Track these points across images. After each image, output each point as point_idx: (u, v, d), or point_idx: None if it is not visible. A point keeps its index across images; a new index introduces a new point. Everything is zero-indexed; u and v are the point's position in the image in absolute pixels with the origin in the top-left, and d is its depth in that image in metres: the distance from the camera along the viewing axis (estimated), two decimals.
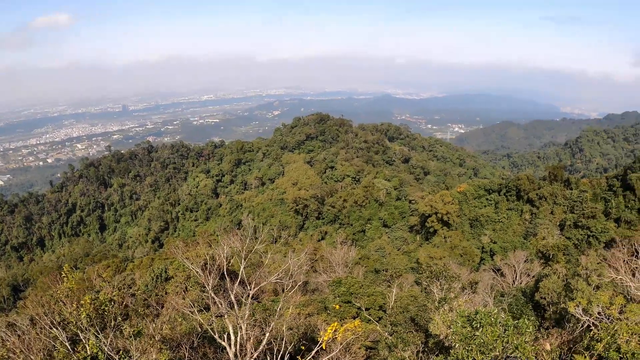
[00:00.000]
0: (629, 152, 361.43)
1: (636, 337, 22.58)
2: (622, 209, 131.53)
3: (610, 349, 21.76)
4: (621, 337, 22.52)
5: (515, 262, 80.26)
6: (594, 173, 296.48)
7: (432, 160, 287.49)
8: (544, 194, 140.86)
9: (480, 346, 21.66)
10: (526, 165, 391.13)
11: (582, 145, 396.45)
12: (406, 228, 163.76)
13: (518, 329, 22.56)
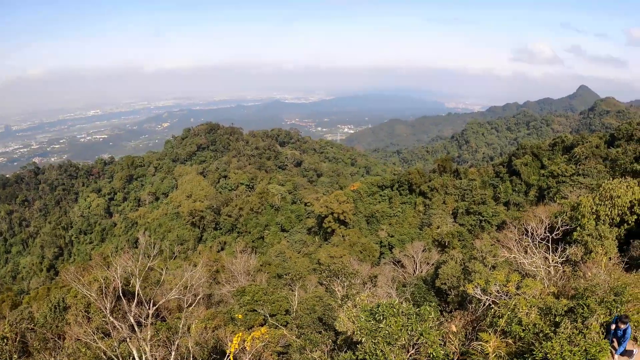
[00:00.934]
0: (512, 140, 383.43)
1: (535, 309, 23.50)
2: (510, 192, 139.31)
3: (513, 323, 22.48)
4: (521, 310, 23.36)
5: (413, 252, 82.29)
6: (481, 162, 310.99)
7: (324, 162, 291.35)
8: (435, 185, 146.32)
9: (386, 337, 21.79)
10: (416, 159, 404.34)
11: (468, 137, 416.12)
12: (304, 231, 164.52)
13: (421, 316, 22.91)
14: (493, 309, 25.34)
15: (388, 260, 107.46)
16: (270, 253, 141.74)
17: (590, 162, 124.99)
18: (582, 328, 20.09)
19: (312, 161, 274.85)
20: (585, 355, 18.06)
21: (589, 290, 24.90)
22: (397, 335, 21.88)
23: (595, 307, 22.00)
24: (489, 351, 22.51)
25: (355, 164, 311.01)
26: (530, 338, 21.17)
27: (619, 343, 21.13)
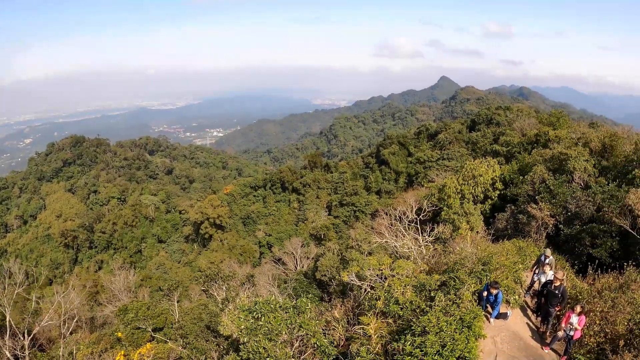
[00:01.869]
0: (380, 132, 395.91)
1: (409, 288, 24.34)
2: (380, 181, 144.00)
3: (390, 304, 23.16)
4: (396, 290, 24.12)
5: (292, 249, 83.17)
6: (351, 155, 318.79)
7: (195, 167, 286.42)
8: (307, 181, 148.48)
9: (266, 334, 21.75)
10: (287, 157, 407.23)
11: (336, 131, 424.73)
12: (182, 239, 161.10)
13: (298, 308, 23.10)
14: (370, 293, 26.05)
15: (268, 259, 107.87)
16: (149, 266, 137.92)
17: (454, 147, 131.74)
18: (455, 299, 21.06)
19: (183, 168, 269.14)
20: (461, 323, 18.86)
21: (459, 263, 26.27)
22: (277, 330, 21.88)
23: (466, 278, 23.23)
24: (371, 333, 23.05)
25: (226, 167, 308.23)
26: (408, 315, 21.90)
27: (492, 308, 22.37)
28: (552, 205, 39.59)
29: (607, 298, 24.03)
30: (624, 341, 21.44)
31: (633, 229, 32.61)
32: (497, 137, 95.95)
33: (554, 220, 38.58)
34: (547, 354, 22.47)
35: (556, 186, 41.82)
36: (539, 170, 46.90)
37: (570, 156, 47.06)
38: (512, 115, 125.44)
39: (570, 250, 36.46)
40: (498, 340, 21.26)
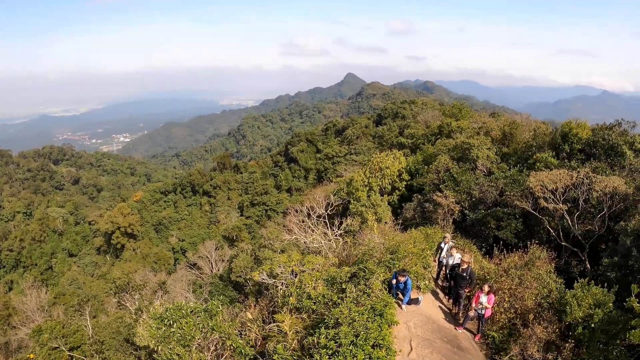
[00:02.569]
0: (288, 130, 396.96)
1: (321, 282, 24.43)
2: (290, 179, 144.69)
3: (303, 299, 23.18)
4: (308, 285, 24.17)
5: (207, 252, 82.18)
6: (260, 154, 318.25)
7: (102, 175, 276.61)
8: (217, 183, 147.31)
9: (180, 340, 21.27)
10: (196, 160, 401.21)
11: (245, 131, 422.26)
12: (94, 251, 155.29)
13: (209, 311, 22.77)
14: (282, 290, 25.99)
15: (184, 265, 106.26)
16: (62, 283, 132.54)
17: (361, 141, 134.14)
18: (366, 289, 21.25)
19: (91, 176, 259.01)
20: (372, 312, 19.05)
21: (367, 254, 26.64)
22: (189, 335, 21.43)
23: (374, 267, 23.55)
24: (286, 329, 22.98)
25: (135, 173, 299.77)
26: (321, 309, 21.96)
27: (403, 295, 22.74)
28: (456, 193, 40.87)
29: (513, 276, 25.20)
30: (533, 315, 22.55)
31: (535, 210, 34.14)
32: (403, 130, 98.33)
33: (459, 207, 39.89)
34: (461, 333, 23.12)
35: (460, 174, 43.33)
36: (443, 159, 48.44)
37: (472, 145, 48.75)
38: (417, 109, 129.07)
39: (477, 233, 37.93)
40: (411, 325, 21.48)
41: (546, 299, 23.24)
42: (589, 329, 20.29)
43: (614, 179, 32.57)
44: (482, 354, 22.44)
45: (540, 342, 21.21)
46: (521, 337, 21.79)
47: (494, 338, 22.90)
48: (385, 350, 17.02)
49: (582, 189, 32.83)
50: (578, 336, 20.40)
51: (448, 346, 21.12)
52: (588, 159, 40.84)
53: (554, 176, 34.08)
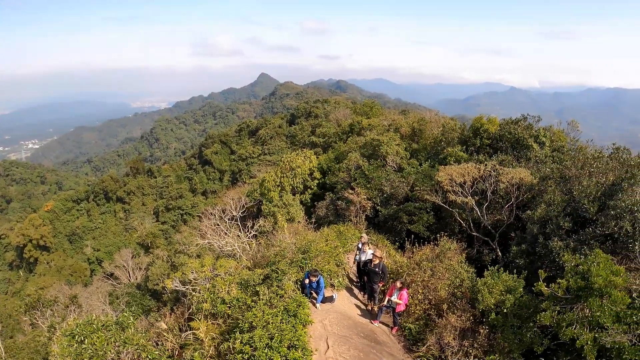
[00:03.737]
0: (201, 132, 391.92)
1: (234, 285, 24.25)
2: (205, 182, 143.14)
3: (217, 304, 22.89)
4: (221, 290, 23.93)
5: (123, 261, 79.77)
6: (174, 157, 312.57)
7: (11, 185, 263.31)
8: (131, 189, 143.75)
9: (92, 357, 20.54)
10: (108, 166, 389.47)
11: (158, 134, 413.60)
12: (6, 267, 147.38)
13: (120, 324, 22.14)
14: (196, 296, 25.62)
15: (100, 275, 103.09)
16: None
17: (275, 141, 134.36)
18: (278, 290, 21.23)
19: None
20: (286, 313, 19.04)
21: (279, 255, 26.58)
22: (102, 351, 20.70)
23: (286, 268, 23.53)
24: (202, 336, 22.64)
25: (45, 182, 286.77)
26: (236, 313, 21.75)
27: (317, 293, 22.82)
28: (368, 189, 41.33)
29: (426, 268, 25.64)
30: (447, 304, 22.91)
31: (445, 203, 34.95)
32: (315, 129, 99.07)
33: (371, 203, 40.34)
34: (378, 327, 23.33)
35: (371, 171, 43.90)
36: (354, 157, 48.99)
37: (382, 142, 49.53)
38: (329, 108, 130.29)
39: (390, 228, 38.49)
40: (327, 324, 21.45)
41: (459, 289, 23.76)
42: (502, 314, 20.87)
43: (520, 171, 33.90)
44: (399, 346, 22.68)
45: (455, 330, 21.65)
46: (437, 327, 22.17)
47: (410, 330, 23.24)
48: (301, 351, 16.97)
49: (490, 181, 33.87)
50: (492, 322, 20.95)
51: (365, 341, 21.18)
52: (495, 153, 42.35)
53: (462, 170, 35.07)
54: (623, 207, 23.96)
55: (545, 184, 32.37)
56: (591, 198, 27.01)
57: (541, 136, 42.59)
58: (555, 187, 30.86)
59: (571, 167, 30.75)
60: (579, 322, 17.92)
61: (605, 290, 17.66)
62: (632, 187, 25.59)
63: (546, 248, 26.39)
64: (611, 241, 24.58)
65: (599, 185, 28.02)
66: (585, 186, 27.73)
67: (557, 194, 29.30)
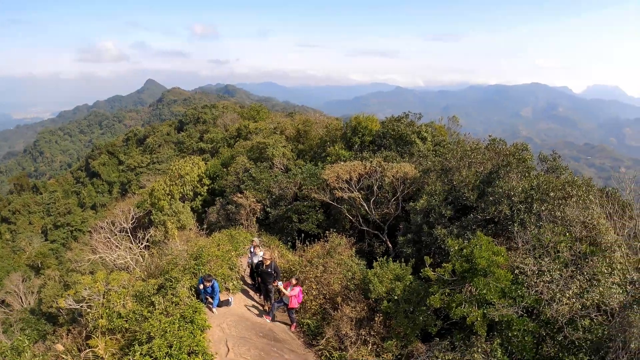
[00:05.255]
0: (88, 143, 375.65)
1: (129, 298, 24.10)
2: (94, 195, 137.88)
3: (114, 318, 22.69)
4: (116, 304, 23.72)
5: (14, 286, 75.51)
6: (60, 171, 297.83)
7: None
8: (16, 207, 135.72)
9: None
10: None
11: (42, 147, 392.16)
12: None
13: (16, 349, 21.66)
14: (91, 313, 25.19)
15: None
16: None
17: (164, 149, 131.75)
18: (173, 298, 21.40)
19: None
20: (183, 320, 19.18)
21: (172, 263, 26.65)
22: None
23: (180, 275, 23.64)
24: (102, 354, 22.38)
25: None
26: (133, 325, 21.72)
27: (212, 298, 23.07)
28: (256, 192, 41.83)
29: (317, 265, 26.42)
30: (341, 297, 23.74)
31: (333, 201, 35.98)
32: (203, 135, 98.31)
33: (260, 205, 40.75)
34: (277, 326, 23.77)
35: (258, 173, 44.44)
36: (241, 160, 49.43)
37: (268, 144, 50.30)
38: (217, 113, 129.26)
39: (282, 229, 39.11)
40: (225, 327, 21.52)
41: (351, 281, 24.57)
42: (394, 301, 21.83)
43: (403, 165, 35.45)
44: (300, 342, 23.21)
45: (351, 320, 22.36)
46: (333, 320, 22.83)
47: (309, 325, 23.84)
48: (201, 356, 17.28)
49: (376, 176, 35.16)
50: (385, 309, 21.79)
51: (265, 340, 21.49)
52: (380, 149, 43.93)
53: (348, 167, 36.10)
54: (501, 193, 25.70)
55: (427, 176, 33.95)
56: (470, 187, 28.80)
57: (423, 132, 44.74)
58: (437, 178, 32.61)
59: (451, 159, 32.46)
60: (468, 301, 19.04)
61: (488, 269, 18.92)
62: (508, 174, 27.56)
63: (431, 236, 27.74)
64: (492, 225, 26.27)
65: (478, 174, 29.96)
66: (465, 176, 29.44)
67: (439, 185, 30.94)
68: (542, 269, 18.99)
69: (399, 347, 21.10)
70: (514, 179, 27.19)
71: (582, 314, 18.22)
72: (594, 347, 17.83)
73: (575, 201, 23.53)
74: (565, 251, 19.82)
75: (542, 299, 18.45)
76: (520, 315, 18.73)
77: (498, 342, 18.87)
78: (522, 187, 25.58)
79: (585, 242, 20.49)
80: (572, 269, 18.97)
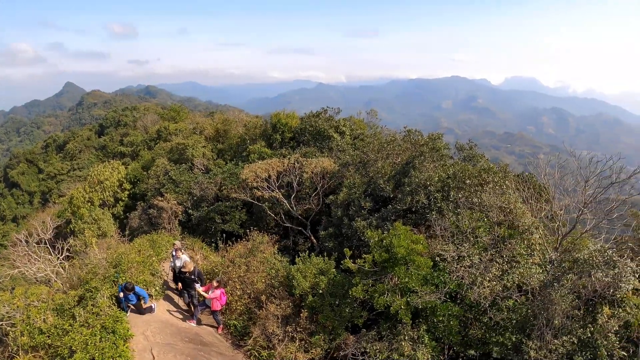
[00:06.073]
0: (5, 152, 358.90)
1: (50, 312, 23.33)
2: (14, 207, 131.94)
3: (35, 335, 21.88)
4: (37, 319, 22.94)
5: None
6: None
7: None
8: None
9: None
10: None
11: None
12: None
13: None
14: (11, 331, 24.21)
15: None
16: None
17: (84, 155, 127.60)
18: (93, 309, 20.85)
19: None
20: (104, 331, 18.66)
21: (91, 272, 25.90)
22: None
23: (99, 285, 23.02)
24: None
25: None
26: (55, 340, 21.09)
27: (135, 306, 22.60)
28: (177, 194, 41.17)
29: (240, 264, 26.17)
30: (266, 295, 23.59)
31: (254, 199, 35.78)
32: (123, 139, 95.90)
33: (182, 207, 40.21)
34: (203, 329, 23.54)
35: (178, 175, 43.75)
36: (161, 163, 48.52)
37: (187, 145, 49.66)
38: (138, 115, 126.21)
39: (205, 230, 38.67)
40: (149, 334, 21.15)
41: (275, 279, 24.41)
42: (318, 295, 21.97)
43: (322, 160, 35.77)
44: (228, 344, 23.06)
45: (278, 318, 22.27)
46: (259, 319, 22.70)
47: (235, 326, 23.70)
48: None
49: (295, 173, 35.32)
50: (310, 304, 21.90)
51: (191, 345, 21.28)
52: (299, 145, 44.17)
53: (266, 165, 36.17)
54: (417, 183, 26.35)
55: (346, 169, 34.46)
56: (386, 178, 29.34)
57: (342, 126, 45.17)
58: (356, 171, 33.08)
59: (369, 152, 33.03)
60: (391, 290, 19.44)
61: (408, 258, 19.39)
62: (423, 163, 28.21)
63: (351, 228, 28.15)
64: (412, 214, 26.93)
65: (395, 165, 30.57)
66: (380, 168, 30.04)
67: (357, 178, 31.39)
68: (462, 254, 19.50)
69: (327, 341, 21.27)
70: (430, 168, 27.76)
71: (505, 295, 18.81)
72: (519, 326, 18.53)
73: (491, 187, 24.21)
74: (484, 236, 20.51)
75: (463, 284, 18.96)
76: (444, 301, 19.29)
77: (424, 329, 19.39)
78: (438, 176, 26.26)
79: (503, 226, 21.21)
80: (491, 252, 19.64)
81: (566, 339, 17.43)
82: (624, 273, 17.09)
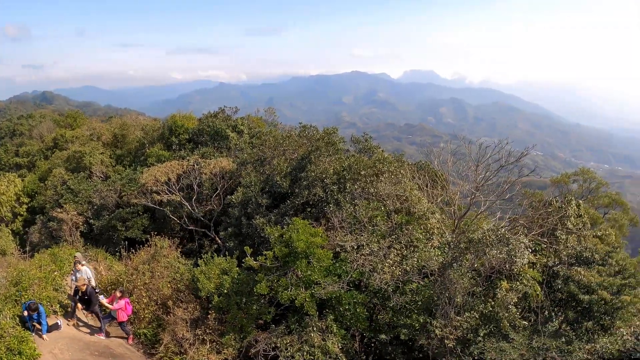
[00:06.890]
0: None
1: None
2: None
3: None
4: None
5: None
6: None
7: None
8: None
9: None
10: None
11: None
12: None
13: None
14: None
15: None
16: None
17: None
18: None
19: None
20: (10, 353, 18.17)
21: None
22: None
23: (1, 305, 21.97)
24: None
25: None
26: None
27: (40, 324, 21.83)
28: (77, 204, 39.85)
29: (144, 271, 25.47)
30: (172, 300, 23.26)
31: (154, 204, 35.34)
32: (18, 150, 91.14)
33: (83, 218, 39.03)
34: (112, 341, 22.85)
35: (77, 184, 42.17)
36: (58, 173, 46.75)
37: (84, 153, 48.12)
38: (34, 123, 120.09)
39: (108, 239, 37.63)
40: (57, 352, 20.41)
41: (180, 283, 24.06)
42: (224, 295, 21.78)
43: (220, 160, 35.76)
44: (139, 354, 22.56)
45: (186, 322, 21.99)
46: (168, 325, 22.30)
47: (145, 334, 23.18)
48: None
49: (194, 174, 35.17)
50: (216, 305, 21.73)
51: (102, 359, 20.83)
52: (197, 147, 43.83)
53: (165, 168, 35.74)
54: (313, 177, 26.90)
55: (244, 168, 34.64)
56: (283, 174, 29.78)
57: (239, 125, 45.31)
58: (253, 169, 33.33)
59: (265, 150, 33.30)
60: (295, 284, 19.61)
61: (309, 251, 19.73)
62: (319, 158, 28.75)
63: (251, 227, 28.42)
64: (311, 208, 27.49)
65: (291, 161, 31.03)
66: (277, 164, 30.43)
67: (253, 176, 31.65)
68: (361, 243, 20.11)
69: (238, 340, 21.20)
70: (326, 162, 28.35)
71: (406, 279, 19.52)
72: (424, 307, 19.39)
73: (387, 177, 24.91)
74: (382, 224, 21.34)
75: (365, 272, 19.57)
76: (348, 290, 19.74)
77: (332, 318, 19.73)
78: (334, 169, 26.95)
79: (400, 214, 22.08)
80: (390, 239, 20.34)
81: (469, 315, 18.58)
82: (518, 249, 18.37)
